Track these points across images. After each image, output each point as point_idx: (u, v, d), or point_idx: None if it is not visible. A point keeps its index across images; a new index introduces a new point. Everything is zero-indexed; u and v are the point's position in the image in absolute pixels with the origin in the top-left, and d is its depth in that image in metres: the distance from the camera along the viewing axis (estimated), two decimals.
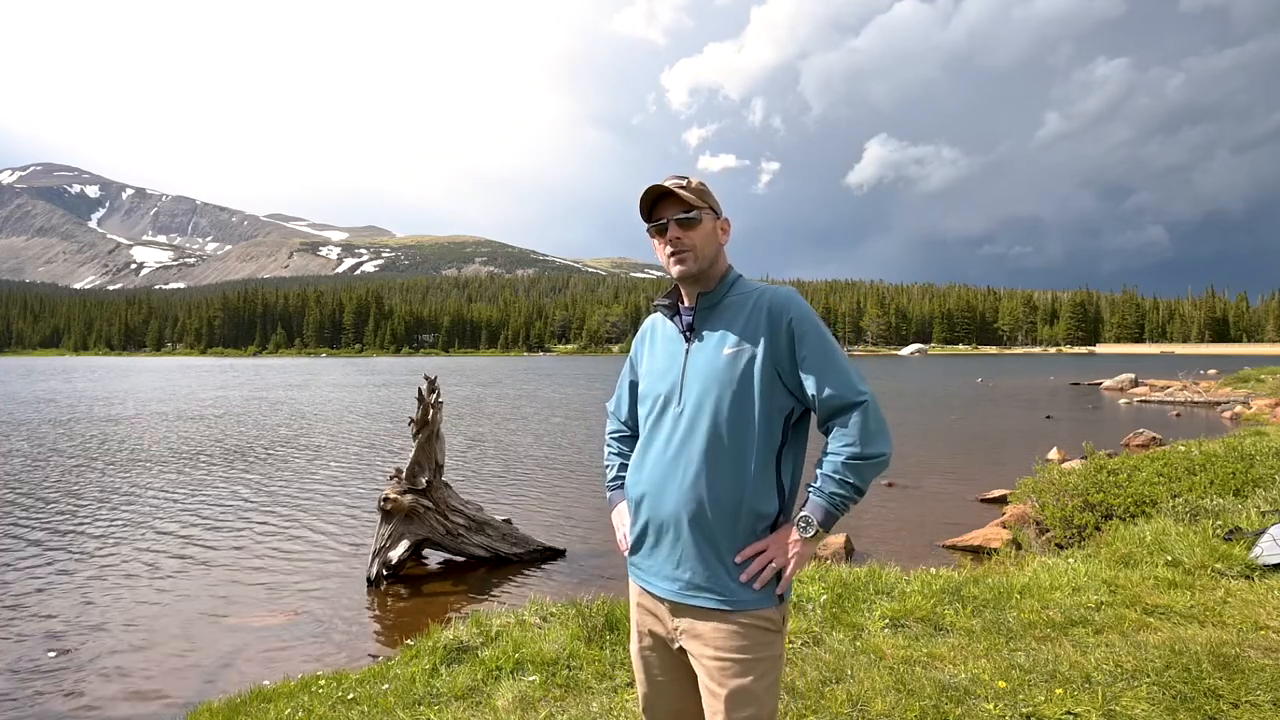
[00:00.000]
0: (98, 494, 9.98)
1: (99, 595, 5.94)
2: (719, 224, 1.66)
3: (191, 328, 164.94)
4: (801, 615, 3.85)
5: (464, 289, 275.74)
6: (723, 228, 1.67)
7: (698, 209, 1.60)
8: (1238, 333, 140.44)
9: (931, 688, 2.92)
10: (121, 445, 14.91)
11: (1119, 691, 2.83)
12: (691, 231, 1.61)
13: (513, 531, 6.98)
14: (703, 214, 1.61)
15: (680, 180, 1.63)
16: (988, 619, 3.72)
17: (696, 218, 1.60)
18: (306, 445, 15.10)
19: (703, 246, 1.61)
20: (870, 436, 1.51)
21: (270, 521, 8.45)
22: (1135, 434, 13.78)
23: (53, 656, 4.74)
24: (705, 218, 1.62)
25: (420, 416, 6.74)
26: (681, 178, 1.63)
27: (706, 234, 1.62)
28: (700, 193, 1.62)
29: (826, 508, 1.51)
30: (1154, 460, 6.72)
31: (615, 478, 1.84)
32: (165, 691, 4.29)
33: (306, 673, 4.09)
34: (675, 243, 1.61)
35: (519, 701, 3.12)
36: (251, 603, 5.80)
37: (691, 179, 1.63)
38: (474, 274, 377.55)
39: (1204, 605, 3.75)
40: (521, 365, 77.70)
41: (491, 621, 4.15)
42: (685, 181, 1.63)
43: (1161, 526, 4.95)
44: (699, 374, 1.58)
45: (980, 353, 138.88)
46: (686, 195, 1.59)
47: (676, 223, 1.61)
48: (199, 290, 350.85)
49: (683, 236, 1.61)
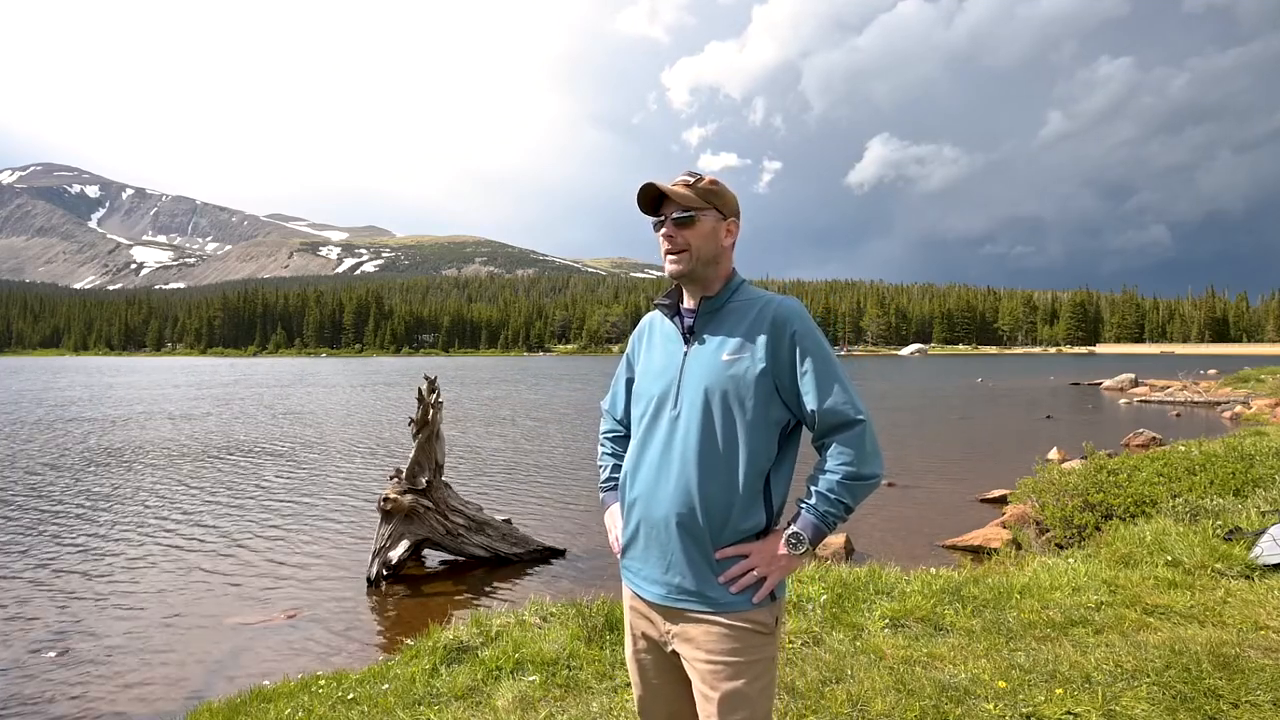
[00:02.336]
0: (97, 494, 9.98)
1: (99, 595, 5.94)
2: (725, 225, 1.62)
3: (191, 328, 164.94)
4: (801, 615, 3.85)
5: (464, 289, 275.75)
6: (729, 229, 1.63)
7: (695, 209, 1.58)
8: (1238, 333, 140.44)
9: (931, 688, 2.92)
10: (120, 445, 14.91)
11: (1119, 691, 2.83)
12: (687, 230, 1.58)
13: (513, 531, 6.98)
14: (701, 214, 1.58)
15: (689, 178, 1.60)
16: (988, 619, 3.72)
17: (692, 217, 1.58)
18: (306, 445, 15.09)
19: (699, 247, 1.59)
20: (867, 457, 1.50)
21: (270, 521, 8.45)
22: (1135, 434, 13.78)
23: (53, 656, 4.74)
24: (705, 218, 1.59)
25: (420, 416, 6.74)
26: (692, 174, 1.61)
27: (704, 234, 1.59)
28: (706, 192, 1.59)
29: (818, 525, 1.51)
30: (1154, 460, 6.72)
31: (609, 479, 1.82)
32: (165, 691, 4.29)
33: (306, 673, 4.09)
34: (670, 240, 1.60)
35: (519, 701, 3.12)
36: (251, 603, 5.80)
37: (705, 176, 1.60)
38: (474, 274, 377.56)
39: (1204, 605, 3.75)
40: (521, 366, 77.69)
41: (491, 621, 4.15)
42: (694, 179, 1.60)
43: (1161, 526, 4.95)
44: (696, 378, 1.56)
45: (980, 353, 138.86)
46: (683, 194, 1.57)
47: (673, 221, 1.59)
48: (199, 290, 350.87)
49: (677, 235, 1.59)
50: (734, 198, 1.64)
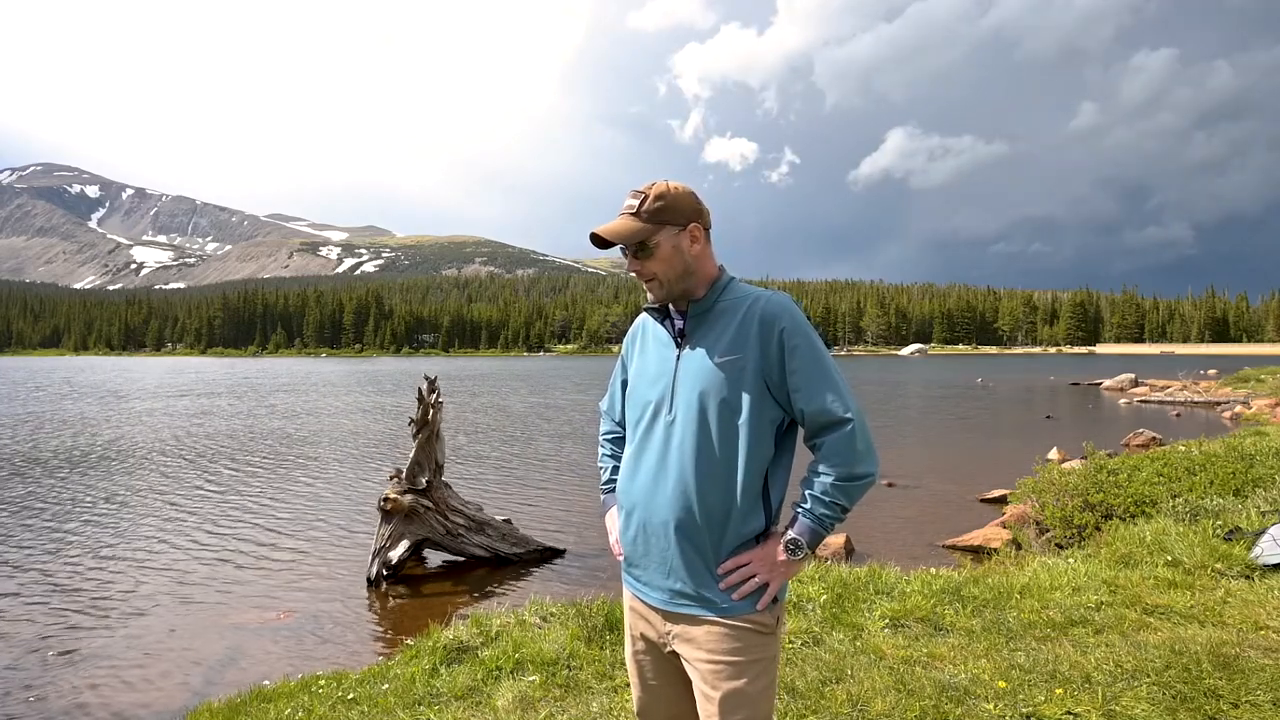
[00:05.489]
0: (96, 494, 9.98)
1: (99, 595, 5.94)
2: (686, 234, 1.55)
3: (191, 328, 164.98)
4: (801, 615, 3.85)
5: (464, 289, 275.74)
6: (693, 236, 1.56)
7: (644, 239, 1.52)
8: (1238, 333, 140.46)
9: (931, 688, 2.92)
10: (118, 445, 14.91)
11: (1119, 691, 2.83)
12: (648, 261, 1.54)
13: (513, 531, 6.98)
14: (655, 238, 1.53)
15: (634, 201, 1.54)
16: (988, 619, 3.72)
17: (649, 246, 1.53)
18: (306, 445, 15.09)
19: (664, 271, 1.55)
20: (859, 457, 1.48)
21: (270, 521, 8.44)
22: (1135, 434, 13.78)
23: (53, 656, 4.74)
24: (661, 240, 1.53)
25: (420, 416, 6.74)
26: (637, 194, 1.55)
27: (665, 258, 1.54)
28: (654, 211, 1.52)
29: (815, 529, 1.50)
30: (1154, 460, 6.72)
31: (609, 480, 1.82)
32: (165, 691, 4.29)
33: (306, 673, 4.09)
34: (636, 273, 1.57)
35: (519, 701, 3.12)
36: (251, 603, 5.80)
37: (651, 191, 1.54)
38: (474, 274, 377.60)
39: (1204, 605, 3.74)
40: (522, 367, 77.73)
41: (491, 621, 4.15)
42: (639, 201, 1.54)
43: (1161, 526, 4.94)
44: (690, 382, 1.54)
45: (980, 353, 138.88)
46: (630, 230, 1.52)
47: (632, 254, 1.55)
48: (199, 290, 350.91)
49: (640, 268, 1.56)
50: (689, 200, 1.56)
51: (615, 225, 1.54)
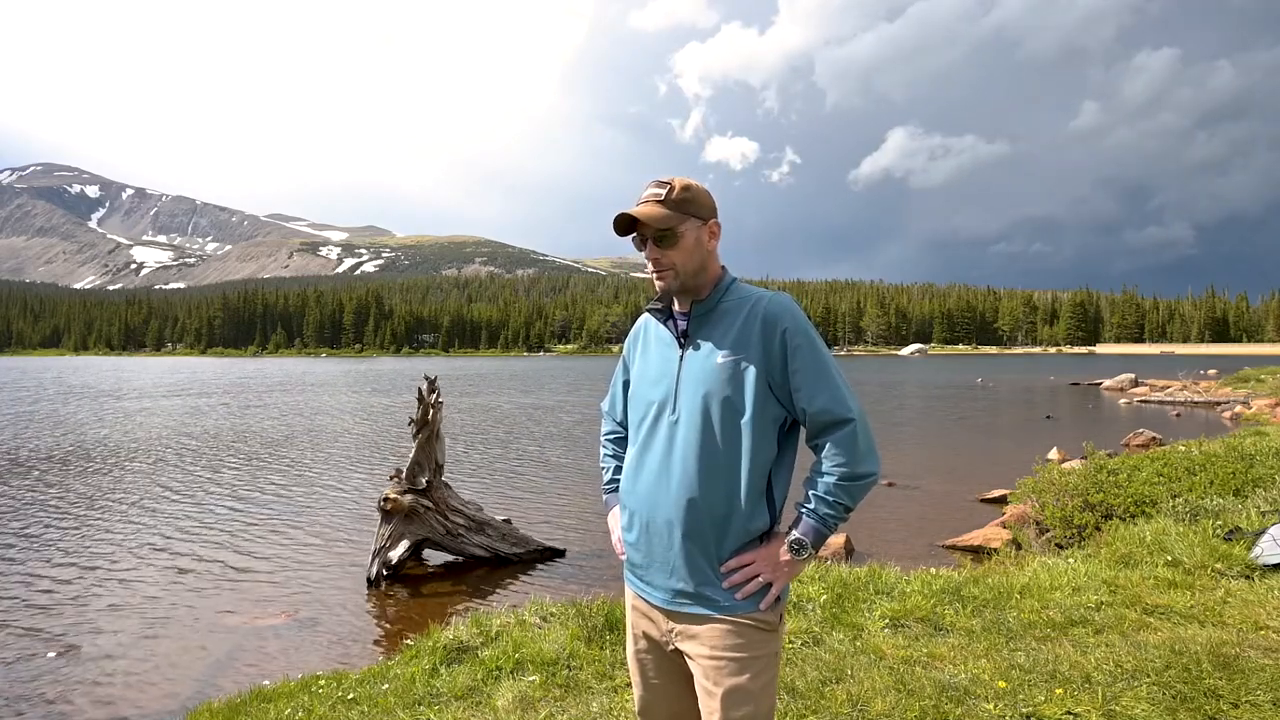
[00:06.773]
0: (96, 494, 9.98)
1: (99, 595, 5.94)
2: (706, 229, 1.58)
3: (191, 328, 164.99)
4: (801, 615, 3.85)
5: (464, 289, 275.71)
6: (711, 232, 1.59)
7: (672, 226, 1.54)
8: (1238, 333, 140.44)
9: (931, 688, 2.92)
10: (118, 445, 14.90)
11: (1119, 691, 2.83)
12: (671, 250, 1.55)
13: (513, 531, 6.98)
14: (681, 228, 1.54)
15: (658, 191, 1.55)
16: (988, 619, 3.72)
17: (673, 234, 1.54)
18: (307, 445, 15.10)
19: (684, 262, 1.56)
20: (861, 456, 1.49)
21: (270, 522, 8.44)
22: (1135, 434, 13.78)
23: (53, 656, 4.74)
24: (686, 230, 1.55)
25: (420, 416, 6.74)
26: (662, 184, 1.55)
27: (688, 249, 1.55)
28: (681, 201, 1.54)
29: (819, 528, 1.50)
30: (1154, 460, 6.72)
31: (611, 480, 1.82)
32: (165, 691, 4.29)
33: (306, 673, 4.09)
34: (654, 262, 1.57)
35: (519, 701, 3.12)
36: (251, 603, 5.80)
37: (676, 183, 1.55)
38: (474, 274, 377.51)
39: (1204, 605, 3.75)
40: (522, 367, 77.71)
41: (491, 621, 4.15)
42: (665, 190, 1.54)
43: (1161, 526, 4.94)
44: (693, 382, 1.55)
45: (980, 353, 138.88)
46: (658, 215, 1.53)
47: (654, 241, 1.56)
48: (199, 290, 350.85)
49: (661, 256, 1.56)
50: (709, 197, 1.59)
51: (645, 209, 1.54)
